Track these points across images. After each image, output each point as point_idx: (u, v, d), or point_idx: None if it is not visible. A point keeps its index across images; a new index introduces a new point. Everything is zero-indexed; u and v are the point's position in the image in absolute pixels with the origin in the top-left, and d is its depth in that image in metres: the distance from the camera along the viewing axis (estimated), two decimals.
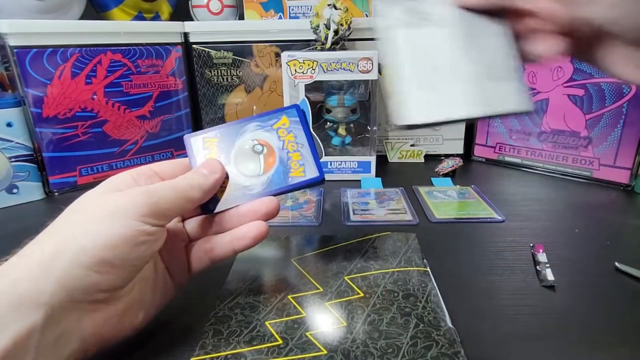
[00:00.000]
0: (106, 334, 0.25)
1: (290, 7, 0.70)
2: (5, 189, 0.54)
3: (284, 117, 0.34)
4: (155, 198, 0.26)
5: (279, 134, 0.33)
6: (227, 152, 0.32)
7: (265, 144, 0.33)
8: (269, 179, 0.32)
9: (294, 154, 0.33)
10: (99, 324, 0.24)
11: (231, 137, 0.32)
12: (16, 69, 0.53)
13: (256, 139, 0.33)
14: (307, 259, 0.39)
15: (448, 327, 0.29)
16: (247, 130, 0.33)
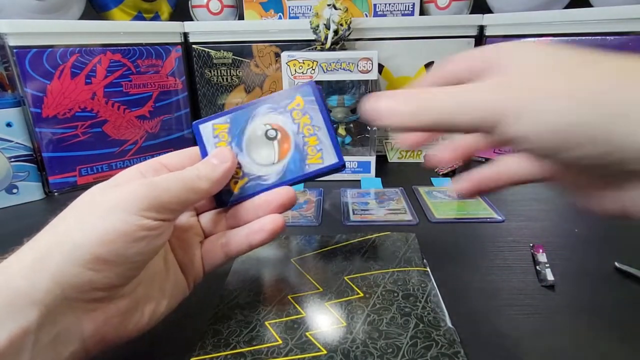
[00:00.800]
0: (108, 334, 0.24)
1: (290, 7, 0.70)
2: (5, 189, 0.54)
3: (298, 97, 0.30)
4: (158, 191, 0.24)
5: (293, 116, 0.30)
6: (238, 138, 0.30)
7: (279, 128, 0.30)
8: (284, 167, 0.30)
9: (310, 138, 0.30)
10: (100, 324, 0.23)
11: (242, 122, 0.30)
12: (16, 69, 0.53)
13: (269, 123, 0.30)
14: (307, 259, 0.39)
15: (448, 327, 0.29)
16: (259, 113, 0.30)
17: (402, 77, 0.69)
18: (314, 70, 0.57)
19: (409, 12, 0.70)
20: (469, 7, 0.71)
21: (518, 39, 0.61)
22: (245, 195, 0.29)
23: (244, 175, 0.29)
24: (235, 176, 0.29)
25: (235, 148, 0.29)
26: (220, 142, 0.30)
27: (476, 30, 0.66)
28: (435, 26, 0.67)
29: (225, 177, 0.28)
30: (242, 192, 0.29)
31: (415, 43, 0.67)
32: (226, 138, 0.30)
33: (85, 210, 0.24)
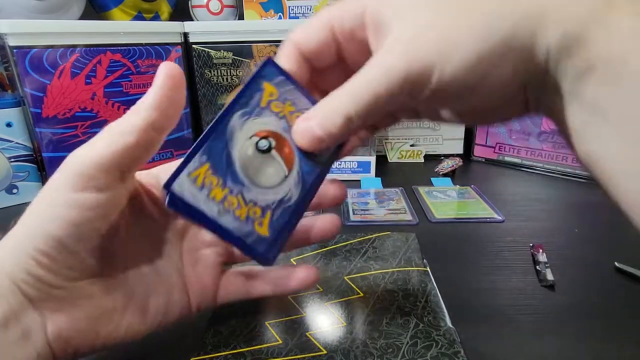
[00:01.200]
0: (74, 340, 0.22)
1: (290, 7, 0.70)
2: (5, 189, 0.54)
3: (267, 85, 0.24)
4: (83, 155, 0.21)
5: (273, 110, 0.24)
6: (231, 172, 0.22)
7: (268, 133, 0.23)
8: (299, 174, 0.24)
9: None
10: (63, 327, 0.21)
11: (222, 150, 0.22)
12: (16, 69, 0.53)
13: (254, 134, 0.23)
14: (307, 259, 0.39)
15: (448, 327, 0.29)
16: (235, 128, 0.23)
17: None
18: None
19: None
20: None
21: None
22: (282, 233, 0.23)
23: (264, 211, 0.23)
24: (255, 217, 0.23)
25: (235, 186, 0.22)
26: (213, 192, 0.22)
27: None
28: None
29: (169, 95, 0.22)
30: (275, 231, 0.23)
31: None
32: (215, 182, 0.22)
33: (31, 204, 0.22)
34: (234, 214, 0.22)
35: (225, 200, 0.22)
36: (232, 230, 0.22)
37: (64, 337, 0.21)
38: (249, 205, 0.22)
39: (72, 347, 0.22)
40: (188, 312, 0.26)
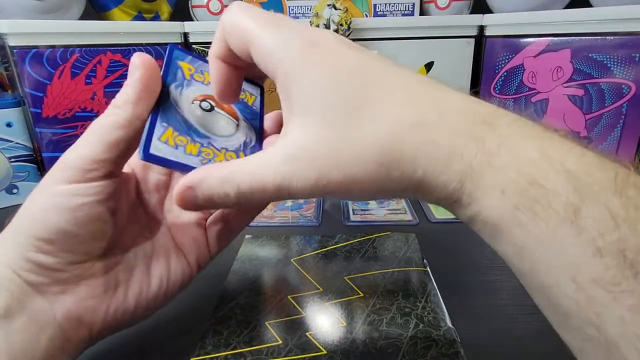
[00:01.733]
0: (85, 318, 0.23)
1: (290, 7, 0.70)
2: (5, 189, 0.54)
3: (181, 63, 0.27)
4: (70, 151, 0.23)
5: (197, 80, 0.27)
6: (194, 131, 0.25)
7: (205, 97, 0.26)
8: (246, 121, 0.27)
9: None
10: (71, 307, 0.22)
11: (177, 117, 0.25)
12: (16, 69, 0.53)
13: (193, 99, 0.26)
14: (307, 259, 0.39)
15: (448, 327, 0.29)
16: (176, 98, 0.25)
17: None
18: None
19: (409, 12, 0.70)
20: (469, 7, 0.71)
21: (518, 39, 0.61)
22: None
23: (237, 153, 0.26)
24: (232, 159, 0.25)
25: (202, 140, 0.25)
26: (188, 147, 0.24)
27: (476, 31, 0.66)
28: (435, 26, 0.67)
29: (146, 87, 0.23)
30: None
31: (415, 43, 0.67)
32: (184, 140, 0.24)
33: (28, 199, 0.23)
34: (214, 161, 0.24)
35: (201, 152, 0.24)
36: None
37: (75, 317, 0.22)
38: (222, 152, 0.25)
39: (85, 326, 0.23)
40: (190, 272, 0.27)
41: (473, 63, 0.68)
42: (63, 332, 0.22)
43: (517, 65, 0.62)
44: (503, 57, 0.64)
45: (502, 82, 0.65)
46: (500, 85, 0.65)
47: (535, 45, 0.60)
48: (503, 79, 0.65)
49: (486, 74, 0.67)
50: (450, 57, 0.67)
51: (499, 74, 0.65)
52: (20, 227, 0.22)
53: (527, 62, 0.61)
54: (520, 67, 0.62)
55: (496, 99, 0.66)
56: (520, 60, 0.62)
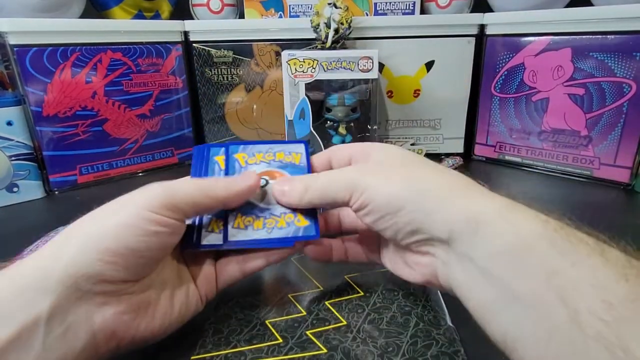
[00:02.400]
0: (119, 331, 0.24)
1: (291, 5, 0.70)
2: (6, 187, 0.54)
3: (237, 155, 0.33)
4: (172, 190, 0.25)
5: (250, 163, 0.33)
6: (256, 209, 0.30)
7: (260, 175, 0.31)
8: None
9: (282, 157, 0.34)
10: (109, 319, 0.23)
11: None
12: (16, 68, 0.53)
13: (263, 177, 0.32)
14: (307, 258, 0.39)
15: (448, 326, 0.29)
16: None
17: (402, 76, 0.69)
18: (314, 69, 0.57)
19: (409, 11, 0.70)
20: (470, 6, 0.71)
21: (519, 38, 0.61)
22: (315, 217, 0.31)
23: (294, 213, 0.30)
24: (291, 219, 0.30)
25: (263, 213, 0.30)
26: (255, 224, 0.30)
27: (477, 29, 0.66)
28: (435, 25, 0.67)
29: (245, 193, 0.29)
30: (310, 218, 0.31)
31: (416, 42, 0.67)
32: (251, 220, 0.30)
33: (100, 209, 0.25)
34: (277, 227, 0.30)
35: (265, 225, 0.30)
36: (284, 237, 0.30)
37: (110, 329, 0.23)
38: (282, 216, 0.30)
39: (116, 339, 0.24)
40: (200, 304, 0.29)
41: (474, 62, 0.68)
42: (95, 343, 0.23)
43: (517, 64, 0.62)
44: (504, 55, 0.64)
45: (502, 81, 0.65)
46: (501, 84, 0.65)
47: (536, 44, 0.60)
48: (504, 77, 0.65)
49: (487, 72, 0.67)
50: (450, 56, 0.67)
51: (500, 72, 0.65)
52: (94, 235, 0.23)
53: (527, 60, 0.61)
54: (521, 66, 0.62)
55: (497, 98, 0.66)
56: (521, 59, 0.62)
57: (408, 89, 0.70)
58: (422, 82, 0.69)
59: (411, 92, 0.70)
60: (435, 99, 0.70)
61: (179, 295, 0.27)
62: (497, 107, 0.67)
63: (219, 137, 0.73)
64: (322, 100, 0.63)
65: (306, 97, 0.59)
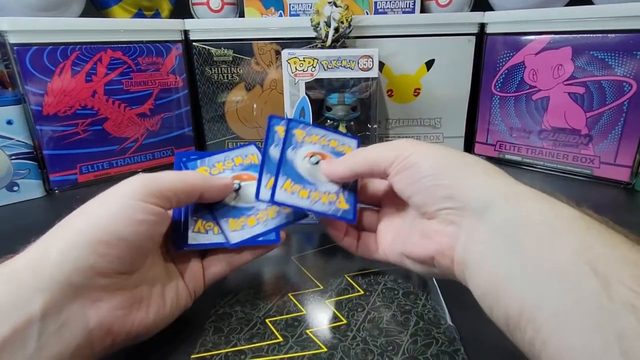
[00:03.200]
0: (114, 327, 0.24)
1: (291, 4, 0.70)
2: (6, 186, 0.54)
3: (296, 131, 0.36)
4: (153, 178, 0.27)
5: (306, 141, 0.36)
6: (305, 181, 0.33)
7: (313, 153, 0.35)
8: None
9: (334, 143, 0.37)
10: (104, 315, 0.23)
11: (292, 170, 0.34)
12: (16, 67, 0.52)
13: (304, 156, 0.35)
14: (308, 256, 0.39)
15: (448, 325, 0.29)
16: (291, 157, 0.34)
17: (402, 75, 0.69)
18: (314, 68, 0.57)
19: (409, 10, 0.70)
20: (470, 5, 0.71)
21: (519, 37, 0.61)
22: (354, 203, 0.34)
23: (337, 194, 0.34)
24: (333, 199, 0.33)
25: (311, 186, 0.33)
26: (301, 193, 0.32)
27: (477, 28, 0.66)
28: (436, 24, 0.66)
29: (222, 189, 0.31)
30: (350, 203, 0.34)
31: (416, 41, 0.67)
32: (298, 188, 0.33)
33: (88, 204, 0.25)
34: (320, 201, 0.33)
35: (310, 196, 0.32)
36: (324, 211, 0.32)
37: (105, 325, 0.23)
38: (326, 194, 0.33)
39: (111, 335, 0.24)
40: (190, 300, 0.30)
41: (474, 60, 0.68)
42: (91, 340, 0.23)
43: (518, 63, 0.62)
44: (504, 54, 0.64)
45: (503, 80, 0.65)
46: (501, 83, 0.65)
47: (537, 43, 0.60)
48: (504, 76, 0.65)
49: (487, 71, 0.66)
50: (451, 55, 0.67)
51: (500, 71, 0.65)
52: (84, 229, 0.23)
53: (528, 59, 0.61)
54: (521, 64, 0.62)
55: (497, 96, 0.66)
56: (521, 57, 0.62)
57: (408, 87, 0.70)
58: (422, 81, 0.69)
59: (411, 91, 0.70)
60: (436, 98, 0.70)
61: (169, 291, 0.28)
62: (497, 106, 0.67)
63: (219, 136, 0.72)
64: (322, 99, 0.63)
65: (306, 96, 0.59)
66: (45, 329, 0.21)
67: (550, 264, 0.20)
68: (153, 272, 0.27)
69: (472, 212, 0.25)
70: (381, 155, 0.30)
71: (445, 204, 0.26)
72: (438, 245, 0.27)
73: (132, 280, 0.25)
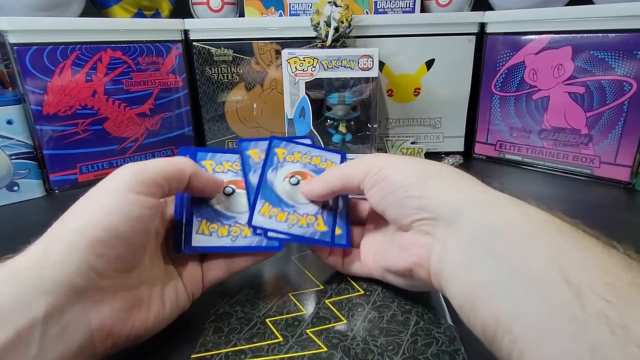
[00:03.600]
0: (116, 329, 0.24)
1: (291, 4, 0.70)
2: (6, 186, 0.54)
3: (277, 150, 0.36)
4: (142, 166, 0.26)
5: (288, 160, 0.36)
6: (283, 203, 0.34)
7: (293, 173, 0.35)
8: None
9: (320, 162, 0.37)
10: (106, 316, 0.23)
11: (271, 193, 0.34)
12: (16, 67, 0.52)
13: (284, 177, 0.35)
14: (308, 256, 0.39)
15: (448, 325, 0.29)
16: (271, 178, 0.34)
17: (402, 75, 0.69)
18: (314, 67, 0.57)
19: (409, 10, 0.70)
20: (470, 4, 0.71)
21: (519, 37, 0.61)
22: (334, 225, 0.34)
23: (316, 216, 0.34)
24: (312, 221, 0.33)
25: (289, 209, 0.33)
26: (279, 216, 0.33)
27: (477, 28, 0.66)
28: (436, 23, 0.66)
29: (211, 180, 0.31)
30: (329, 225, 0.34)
31: (416, 40, 0.67)
32: (276, 211, 0.33)
33: (82, 202, 0.25)
34: (298, 224, 0.33)
35: (288, 219, 0.33)
36: (302, 234, 0.32)
37: (107, 327, 0.23)
38: (304, 216, 0.33)
39: (112, 338, 0.24)
40: (188, 301, 0.30)
41: (474, 60, 0.68)
42: (92, 341, 0.23)
43: (518, 63, 0.62)
44: (504, 54, 0.64)
45: (503, 80, 0.65)
46: (501, 82, 0.65)
47: (537, 43, 0.60)
48: (504, 76, 0.65)
49: (487, 71, 0.66)
50: (451, 55, 0.67)
51: (500, 71, 0.65)
52: (81, 230, 0.23)
53: (528, 59, 0.61)
54: (522, 64, 0.62)
55: (497, 96, 0.66)
56: (522, 57, 0.62)
57: (408, 87, 0.70)
58: (422, 80, 0.69)
59: (411, 90, 0.70)
60: (436, 98, 0.70)
61: (169, 292, 0.28)
62: (497, 106, 0.67)
63: (219, 136, 0.72)
64: (322, 98, 0.63)
65: (306, 95, 0.59)
66: (47, 332, 0.21)
67: (524, 270, 0.20)
68: (153, 272, 0.27)
69: (444, 222, 0.25)
70: (354, 171, 0.31)
71: (418, 215, 0.27)
72: (415, 257, 0.27)
73: (132, 280, 0.25)
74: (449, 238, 0.25)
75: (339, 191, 0.33)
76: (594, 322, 0.17)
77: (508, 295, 0.20)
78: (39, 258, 0.22)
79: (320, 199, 0.34)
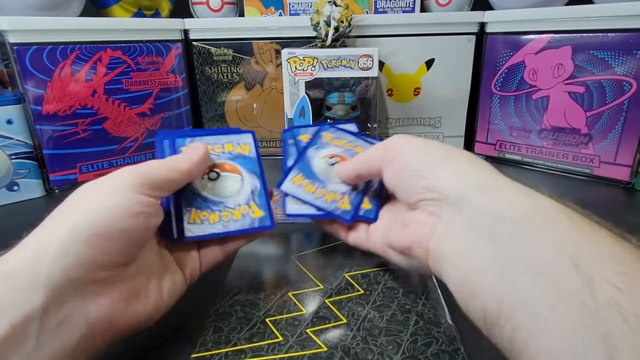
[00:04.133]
0: (116, 320, 0.24)
1: (291, 4, 0.70)
2: (6, 186, 0.54)
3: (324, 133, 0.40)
4: (143, 169, 0.27)
5: (332, 144, 0.39)
6: (315, 178, 0.36)
7: (334, 155, 0.38)
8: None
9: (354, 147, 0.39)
10: (105, 308, 0.23)
11: (307, 167, 0.37)
12: (16, 66, 0.52)
13: (324, 156, 0.38)
14: (308, 256, 0.39)
15: (448, 324, 0.29)
16: (312, 154, 0.38)
17: (402, 74, 0.69)
18: (314, 67, 0.57)
19: (409, 9, 0.70)
20: (470, 4, 0.71)
21: (519, 36, 0.61)
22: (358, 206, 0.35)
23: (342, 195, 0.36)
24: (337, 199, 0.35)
25: (319, 184, 0.36)
26: (307, 187, 0.36)
27: (477, 27, 0.66)
28: (436, 23, 0.66)
29: (201, 162, 0.31)
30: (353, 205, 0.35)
31: (416, 40, 0.67)
32: (306, 183, 0.36)
33: (79, 196, 0.25)
34: (323, 198, 0.35)
35: (315, 191, 0.35)
36: (325, 207, 0.35)
37: (106, 319, 0.23)
38: (332, 193, 0.36)
39: (112, 329, 0.24)
40: (185, 285, 0.30)
41: (474, 60, 0.68)
42: (92, 334, 0.23)
43: (518, 62, 0.62)
44: (504, 54, 0.64)
45: (503, 79, 0.65)
46: (501, 82, 0.65)
47: (537, 42, 0.60)
48: (504, 76, 0.65)
49: (487, 70, 0.66)
50: (451, 54, 0.67)
51: (500, 71, 0.65)
52: (80, 223, 0.23)
53: (528, 59, 0.61)
54: (521, 64, 0.62)
55: (497, 96, 0.66)
56: (521, 57, 0.62)
57: (408, 87, 0.70)
58: (422, 80, 0.69)
59: (411, 90, 0.70)
60: (436, 97, 0.70)
61: (166, 278, 0.28)
62: (497, 105, 0.67)
63: None
64: (322, 98, 0.63)
65: (306, 95, 0.59)
66: (44, 326, 0.20)
67: (529, 259, 0.20)
68: (149, 260, 0.27)
69: (449, 204, 0.25)
70: (375, 154, 0.32)
71: (424, 195, 0.27)
72: (415, 235, 0.27)
73: (129, 271, 0.25)
74: (453, 220, 0.25)
75: (365, 174, 0.34)
76: (605, 310, 0.17)
77: (511, 283, 0.20)
78: (35, 251, 0.22)
79: (348, 180, 0.36)
